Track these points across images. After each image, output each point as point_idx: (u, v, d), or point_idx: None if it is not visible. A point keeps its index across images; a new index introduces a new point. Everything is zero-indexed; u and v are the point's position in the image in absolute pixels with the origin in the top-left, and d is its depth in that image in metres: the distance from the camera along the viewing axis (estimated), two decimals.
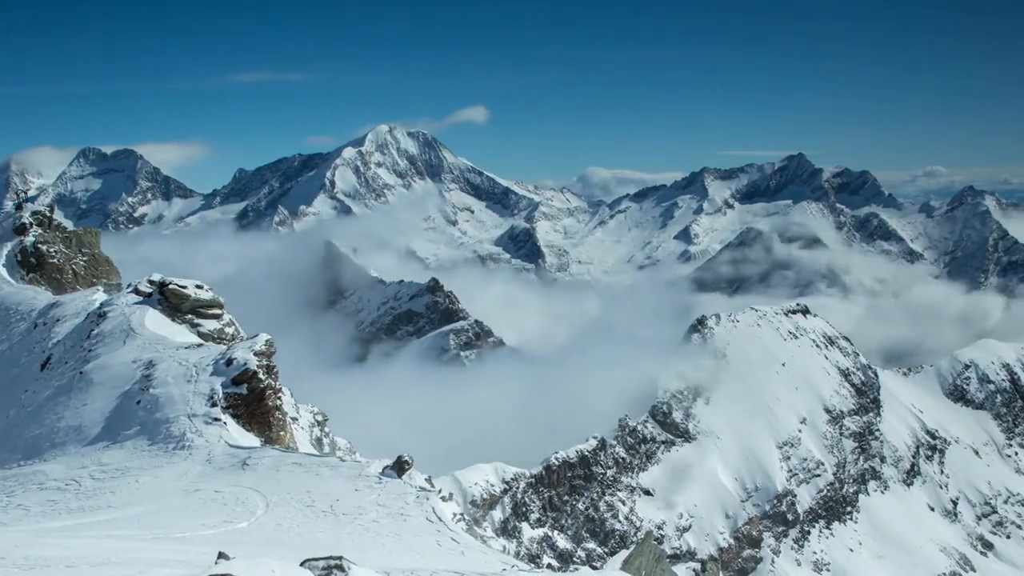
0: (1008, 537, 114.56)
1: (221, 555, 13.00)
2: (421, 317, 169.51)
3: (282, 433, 34.29)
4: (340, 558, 13.50)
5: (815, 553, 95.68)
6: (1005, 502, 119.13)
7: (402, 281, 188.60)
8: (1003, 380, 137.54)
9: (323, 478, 27.01)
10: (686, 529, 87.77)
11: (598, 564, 76.74)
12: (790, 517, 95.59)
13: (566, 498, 79.12)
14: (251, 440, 31.06)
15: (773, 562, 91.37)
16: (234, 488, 25.07)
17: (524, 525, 73.02)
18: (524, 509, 73.56)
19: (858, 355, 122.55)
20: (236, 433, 29.81)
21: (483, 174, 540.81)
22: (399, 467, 32.70)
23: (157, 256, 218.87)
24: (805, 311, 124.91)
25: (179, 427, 29.03)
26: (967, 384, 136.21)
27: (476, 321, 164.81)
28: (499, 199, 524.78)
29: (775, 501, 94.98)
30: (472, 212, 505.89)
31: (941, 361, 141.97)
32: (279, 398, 33.62)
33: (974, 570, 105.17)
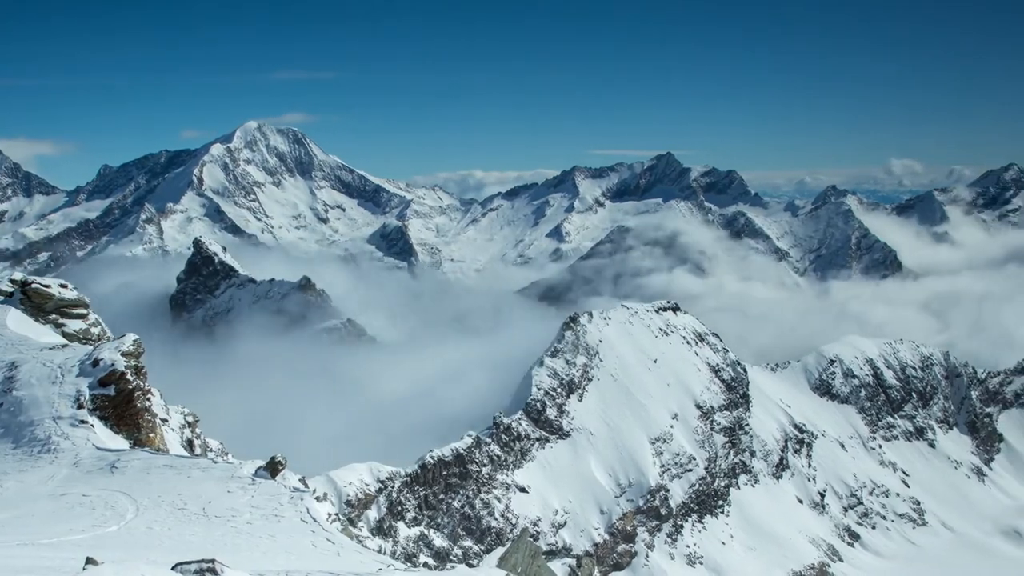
0: (873, 527, 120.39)
1: (89, 560, 13.25)
2: (293, 315, 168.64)
3: (152, 435, 34.19)
4: (213, 561, 13.93)
5: (688, 547, 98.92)
6: (870, 493, 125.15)
7: (273, 279, 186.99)
8: (867, 375, 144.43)
9: (195, 480, 27.14)
10: (561, 525, 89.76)
11: (474, 562, 78.05)
12: (663, 511, 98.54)
13: (442, 496, 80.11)
14: (120, 442, 30.95)
15: (647, 556, 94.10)
16: (103, 492, 24.98)
17: (400, 524, 73.70)
18: (400, 508, 74.24)
19: (727, 351, 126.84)
20: (104, 435, 29.59)
21: (354, 172, 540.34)
22: (272, 468, 33.13)
23: None
24: (676, 308, 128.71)
25: (44, 430, 28.68)
26: (832, 379, 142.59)
27: (348, 319, 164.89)
28: (371, 197, 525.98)
29: (648, 496, 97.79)
30: (344, 210, 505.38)
31: (807, 357, 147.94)
32: (148, 399, 33.49)
33: (841, 560, 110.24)
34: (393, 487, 74.17)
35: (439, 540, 76.95)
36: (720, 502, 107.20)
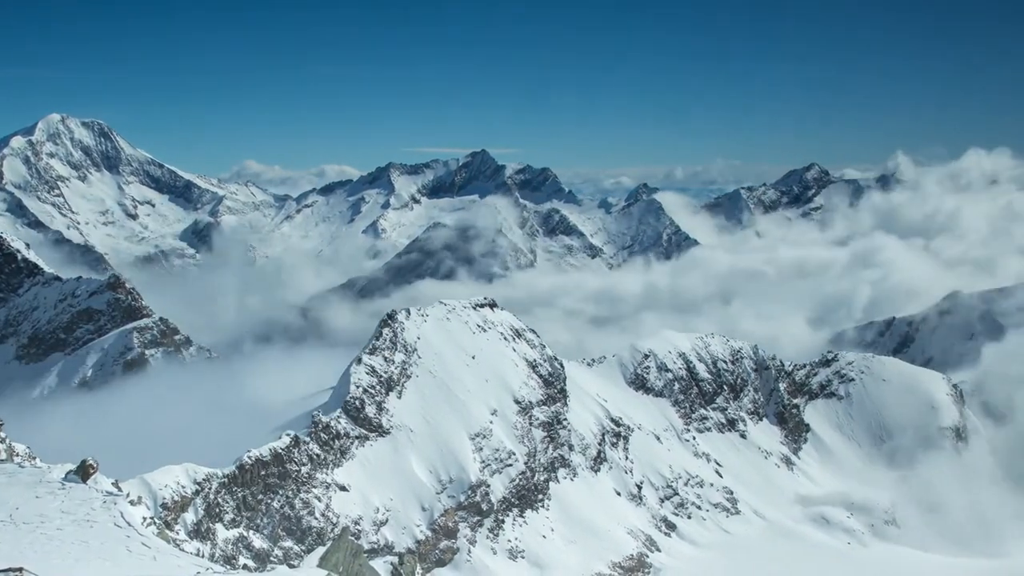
0: (689, 517, 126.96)
1: None
2: (102, 315, 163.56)
3: None
4: (20, 570, 14.53)
5: (510, 541, 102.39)
6: (685, 484, 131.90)
7: (80, 277, 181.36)
8: (680, 368, 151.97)
9: (0, 486, 27.67)
10: (383, 523, 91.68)
11: (295, 562, 79.24)
12: (485, 507, 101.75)
13: (261, 497, 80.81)
14: None
15: (470, 552, 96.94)
16: None
17: (218, 526, 74.08)
18: (217, 510, 74.63)
19: (544, 347, 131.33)
20: None
21: (164, 167, 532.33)
22: (83, 472, 33.85)
23: None
24: (493, 305, 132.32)
25: None
26: (647, 373, 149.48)
27: (161, 318, 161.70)
28: (181, 192, 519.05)
29: (469, 492, 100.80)
30: (153, 206, 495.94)
31: (622, 351, 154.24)
32: None
33: (659, 550, 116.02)
34: (210, 488, 74.54)
35: (259, 541, 77.74)
36: (540, 496, 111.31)
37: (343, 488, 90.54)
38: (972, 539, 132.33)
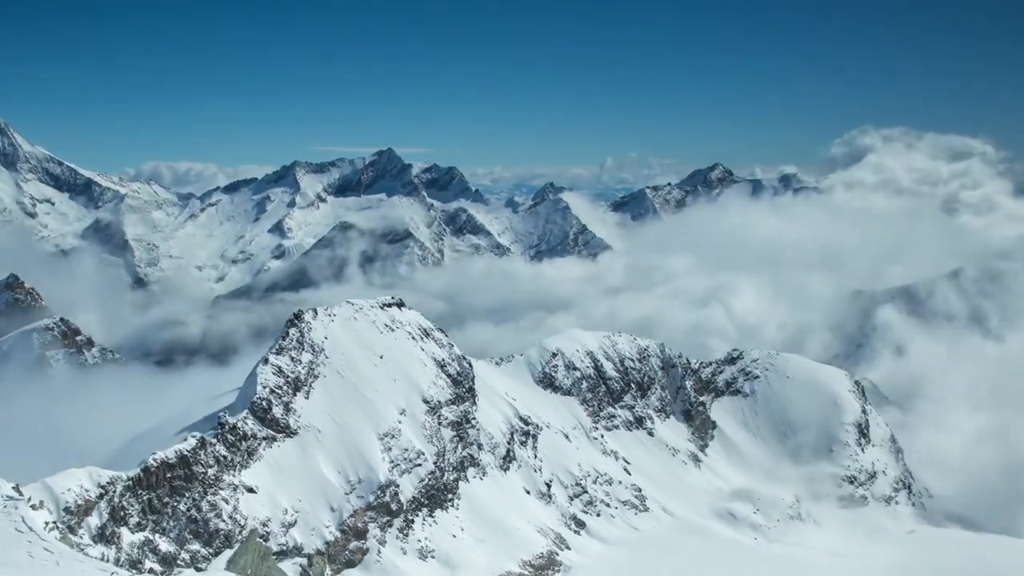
0: (598, 515, 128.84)
1: None
2: (0, 316, 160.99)
3: None
4: None
5: (420, 541, 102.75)
6: (594, 482, 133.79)
7: None
8: (588, 367, 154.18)
9: None
10: (291, 525, 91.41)
11: (203, 565, 78.89)
12: (394, 507, 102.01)
13: (167, 500, 80.00)
14: None
15: (379, 552, 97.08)
16: None
17: (123, 530, 73.18)
18: (122, 514, 73.74)
19: (452, 346, 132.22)
20: None
21: (63, 164, 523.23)
22: None
23: None
24: (400, 304, 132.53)
25: None
26: (555, 371, 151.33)
27: (62, 319, 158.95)
28: (82, 191, 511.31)
29: (379, 492, 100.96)
30: (53, 204, 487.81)
31: (530, 350, 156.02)
32: None
33: (569, 548, 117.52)
34: (115, 492, 73.76)
35: (165, 545, 77.08)
36: (450, 496, 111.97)
37: (251, 490, 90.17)
38: (880, 530, 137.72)
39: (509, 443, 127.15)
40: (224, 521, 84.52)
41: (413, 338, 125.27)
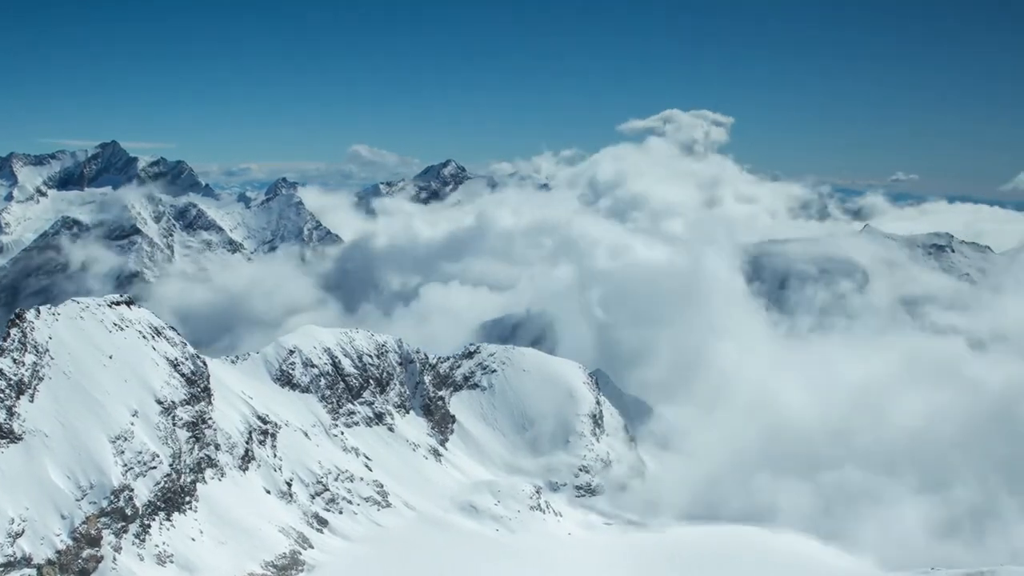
0: (341, 512, 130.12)
1: None
2: None
3: None
4: None
5: (157, 546, 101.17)
6: (336, 479, 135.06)
7: None
8: (326, 364, 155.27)
9: None
10: (19, 534, 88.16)
11: None
12: (129, 512, 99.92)
13: None
14: None
15: (115, 559, 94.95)
16: None
17: None
18: None
19: (186, 344, 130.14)
20: None
21: None
22: None
23: None
24: (130, 302, 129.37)
25: None
26: (292, 369, 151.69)
27: None
28: None
29: (112, 497, 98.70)
30: None
31: (267, 348, 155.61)
32: None
33: (312, 547, 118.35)
34: None
35: None
36: (188, 498, 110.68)
37: None
38: (614, 516, 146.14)
39: (247, 443, 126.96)
40: None
41: (144, 337, 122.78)
